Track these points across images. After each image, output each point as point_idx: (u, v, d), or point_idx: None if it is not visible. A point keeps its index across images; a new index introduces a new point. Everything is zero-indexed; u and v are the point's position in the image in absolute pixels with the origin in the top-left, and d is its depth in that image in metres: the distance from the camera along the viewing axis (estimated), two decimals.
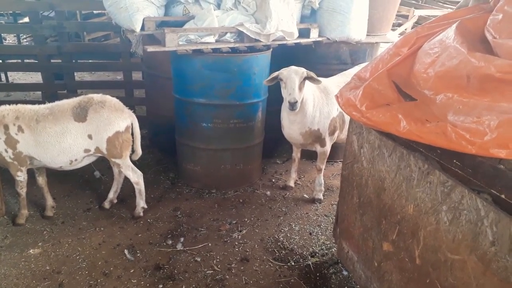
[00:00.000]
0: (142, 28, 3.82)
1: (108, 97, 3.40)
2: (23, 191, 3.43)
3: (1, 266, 3.03)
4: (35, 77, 7.35)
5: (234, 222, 3.70)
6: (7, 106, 3.25)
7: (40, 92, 5.80)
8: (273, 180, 4.50)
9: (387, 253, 2.37)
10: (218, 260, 3.20)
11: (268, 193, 4.22)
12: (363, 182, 2.58)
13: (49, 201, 3.66)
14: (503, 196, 1.59)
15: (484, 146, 1.59)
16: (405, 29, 8.01)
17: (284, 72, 3.37)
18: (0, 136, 3.16)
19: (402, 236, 2.21)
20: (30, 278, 2.94)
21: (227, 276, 3.03)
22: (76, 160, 3.36)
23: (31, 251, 3.22)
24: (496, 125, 1.58)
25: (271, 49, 4.01)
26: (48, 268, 3.04)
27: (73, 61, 5.76)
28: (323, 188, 4.09)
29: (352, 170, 2.71)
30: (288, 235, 3.55)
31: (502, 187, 1.60)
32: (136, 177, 3.58)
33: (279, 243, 3.42)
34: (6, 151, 3.21)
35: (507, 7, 1.90)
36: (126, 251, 3.25)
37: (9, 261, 3.09)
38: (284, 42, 4.03)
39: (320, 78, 3.50)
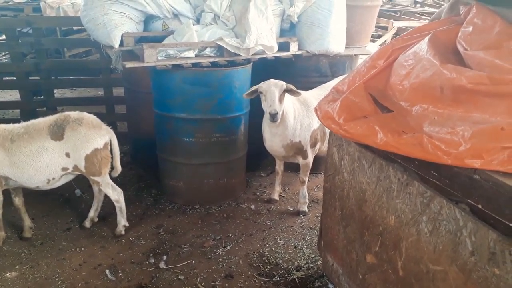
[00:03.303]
0: (121, 44, 3.80)
1: (85, 114, 3.34)
2: None
3: None
4: (14, 95, 7.22)
5: (218, 238, 3.65)
6: None
7: (18, 110, 5.68)
8: (258, 194, 4.47)
9: (371, 265, 2.36)
10: (202, 277, 3.14)
11: (253, 207, 4.18)
12: (345, 194, 2.57)
13: (27, 222, 3.55)
14: (480, 206, 1.60)
15: (459, 156, 1.60)
16: (385, 41, 8.18)
17: (263, 85, 3.38)
18: None
19: (384, 248, 2.20)
20: None
21: None
22: (53, 179, 3.28)
23: (8, 274, 3.11)
24: (470, 135, 1.60)
25: (252, 63, 4.02)
26: None
27: (53, 78, 5.67)
28: (307, 200, 4.08)
29: (334, 182, 2.70)
30: (273, 249, 3.51)
31: (478, 197, 1.61)
32: (116, 195, 3.51)
33: (264, 258, 3.38)
34: None
35: (477, 20, 1.94)
36: (107, 271, 3.16)
37: None
38: (264, 55, 4.05)
39: (299, 91, 3.51)
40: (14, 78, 5.30)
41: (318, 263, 3.29)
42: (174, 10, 3.94)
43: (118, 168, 3.53)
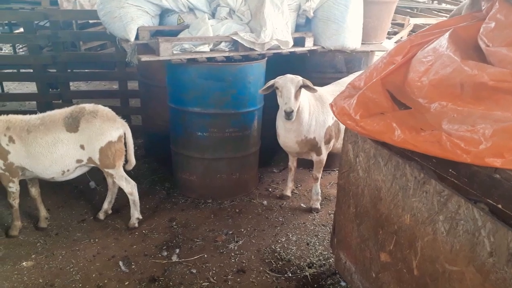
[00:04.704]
0: (137, 38, 3.82)
1: (100, 107, 3.37)
2: (15, 202, 3.39)
3: None
4: (31, 87, 7.33)
5: (230, 232, 3.65)
6: None
7: (35, 102, 5.77)
8: (270, 189, 4.46)
9: (385, 264, 2.33)
10: (214, 271, 3.16)
11: (265, 202, 4.18)
12: (359, 192, 2.55)
13: (43, 212, 3.61)
14: (500, 206, 1.56)
15: (479, 155, 1.57)
16: (401, 37, 8.07)
17: (280, 81, 3.35)
18: None
19: (399, 247, 2.18)
20: None
21: None
22: (68, 170, 3.32)
23: (24, 263, 3.17)
24: (491, 133, 1.56)
25: (266, 58, 4.00)
26: (41, 281, 2.99)
27: (68, 70, 5.73)
28: (320, 197, 4.06)
29: (348, 179, 2.68)
30: (285, 245, 3.51)
31: (498, 197, 1.57)
32: (130, 188, 3.54)
33: (276, 254, 3.38)
34: None
35: (500, 15, 1.89)
36: (120, 263, 3.20)
37: (1, 274, 3.03)
38: (279, 51, 4.02)
39: (316, 88, 3.48)
40: (31, 71, 5.38)
41: (331, 260, 3.28)
42: (189, 4, 3.94)
43: (132, 161, 3.56)
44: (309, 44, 4.26)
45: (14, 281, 2.98)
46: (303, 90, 3.42)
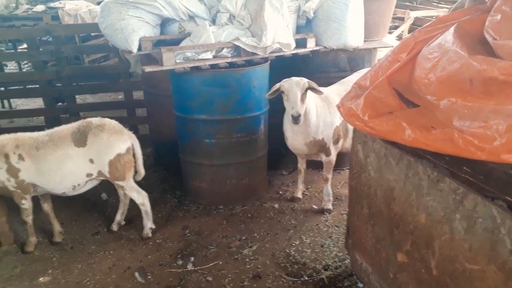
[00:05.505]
0: (139, 48, 3.83)
1: (107, 120, 3.38)
2: (29, 218, 3.41)
3: None
4: (38, 102, 7.38)
5: (243, 238, 3.64)
6: (6, 135, 3.24)
7: (43, 117, 5.81)
8: (280, 192, 4.45)
9: (402, 264, 2.31)
10: (230, 278, 3.15)
11: (276, 205, 4.17)
12: (372, 192, 2.52)
13: (57, 227, 3.63)
14: None
15: (494, 151, 1.54)
16: (402, 32, 7.99)
17: (285, 85, 3.33)
18: (1, 165, 3.14)
19: (416, 247, 2.15)
20: None
21: None
22: (79, 185, 3.34)
23: (41, 279, 3.18)
24: (505, 129, 1.54)
25: (269, 61, 3.99)
26: None
27: (73, 84, 5.77)
28: (331, 198, 4.03)
29: (360, 180, 2.66)
30: (300, 248, 3.49)
31: None
32: (141, 198, 3.55)
33: (291, 258, 3.36)
34: (9, 180, 3.19)
35: (505, 7, 1.86)
36: (136, 274, 3.20)
37: None
38: (282, 53, 4.01)
39: (320, 88, 3.46)
40: (37, 86, 5.42)
41: (346, 261, 3.25)
42: (189, 12, 3.95)
43: (142, 171, 3.57)
44: (311, 45, 4.24)
45: None
46: (309, 91, 3.40)
